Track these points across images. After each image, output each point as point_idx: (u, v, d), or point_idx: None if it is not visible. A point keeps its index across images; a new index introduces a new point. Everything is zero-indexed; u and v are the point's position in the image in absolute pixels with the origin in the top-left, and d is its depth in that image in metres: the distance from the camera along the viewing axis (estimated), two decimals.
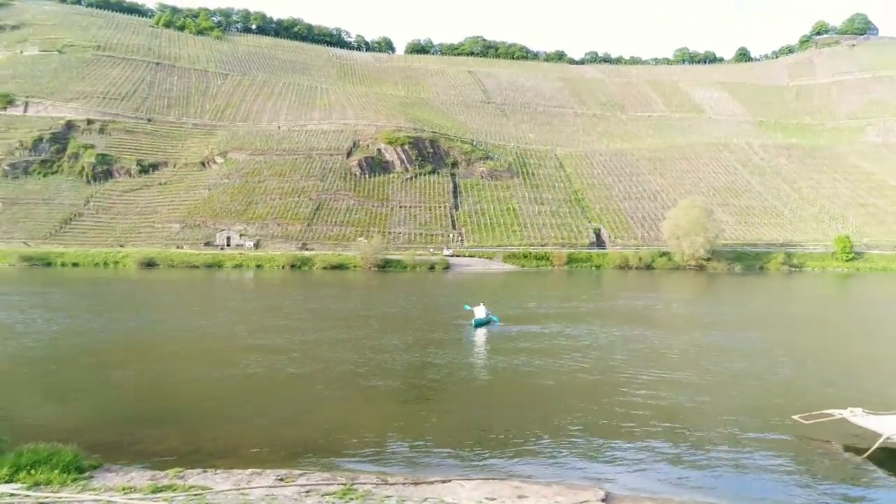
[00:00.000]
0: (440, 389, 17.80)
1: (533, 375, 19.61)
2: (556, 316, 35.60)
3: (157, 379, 18.82)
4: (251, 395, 16.86)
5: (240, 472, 9.71)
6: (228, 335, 27.89)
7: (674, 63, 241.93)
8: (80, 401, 16.09)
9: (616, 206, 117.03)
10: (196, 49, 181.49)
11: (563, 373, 19.94)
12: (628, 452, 12.47)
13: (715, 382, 19.05)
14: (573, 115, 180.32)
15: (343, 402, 16.37)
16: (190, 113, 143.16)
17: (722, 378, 19.70)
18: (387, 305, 41.89)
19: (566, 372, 20.04)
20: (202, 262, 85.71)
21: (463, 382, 18.72)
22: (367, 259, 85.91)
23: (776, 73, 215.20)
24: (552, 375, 19.59)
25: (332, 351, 23.23)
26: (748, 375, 20.04)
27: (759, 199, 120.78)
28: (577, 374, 19.83)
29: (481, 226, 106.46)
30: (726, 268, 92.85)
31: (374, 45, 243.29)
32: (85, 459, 9.69)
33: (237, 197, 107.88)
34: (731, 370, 20.88)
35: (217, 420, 14.28)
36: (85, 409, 15.27)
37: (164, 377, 19.10)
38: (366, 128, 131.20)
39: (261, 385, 17.89)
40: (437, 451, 12.28)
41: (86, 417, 14.28)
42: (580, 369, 20.46)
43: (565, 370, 20.30)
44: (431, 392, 17.54)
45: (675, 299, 51.77)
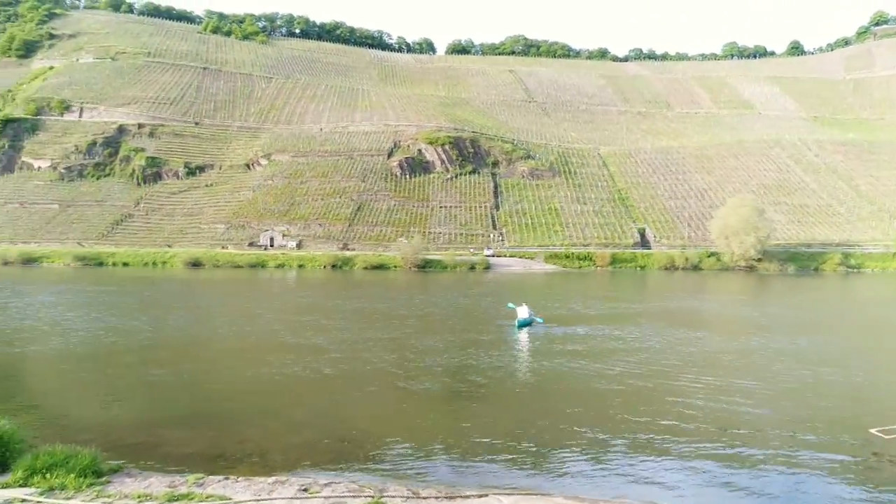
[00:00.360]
0: (480, 394, 16.99)
1: (579, 380, 18.60)
2: (602, 317, 34.33)
3: (192, 378, 18.61)
4: (284, 396, 16.42)
5: (262, 480, 9.11)
6: (267, 334, 27.75)
7: (722, 58, 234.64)
8: (113, 400, 15.95)
9: (661, 206, 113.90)
10: (241, 53, 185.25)
11: (611, 378, 18.82)
12: (681, 471, 11.38)
13: (778, 391, 17.55)
14: (617, 113, 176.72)
15: (377, 406, 15.72)
16: (235, 116, 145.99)
17: (786, 387, 18.16)
18: (427, 305, 41.27)
19: (615, 377, 18.91)
20: (246, 262, 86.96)
21: (504, 386, 17.82)
22: (407, 259, 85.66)
23: (832, 67, 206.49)
24: (600, 381, 18.51)
25: (371, 351, 22.72)
26: (815, 384, 18.53)
27: (813, 198, 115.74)
28: (626, 379, 18.65)
29: (522, 226, 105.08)
30: (778, 269, 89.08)
31: (415, 47, 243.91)
32: (104, 463, 9.27)
33: (280, 198, 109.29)
34: (795, 378, 19.31)
35: (247, 422, 13.83)
36: (117, 408, 15.10)
37: (199, 377, 18.88)
38: (406, 128, 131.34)
39: (294, 386, 17.44)
40: (475, 462, 11.50)
41: (116, 417, 14.07)
42: (630, 374, 19.28)
43: (614, 375, 19.16)
44: (470, 396, 16.72)
45: (727, 301, 49.48)
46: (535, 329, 28.77)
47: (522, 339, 26.24)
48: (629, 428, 13.74)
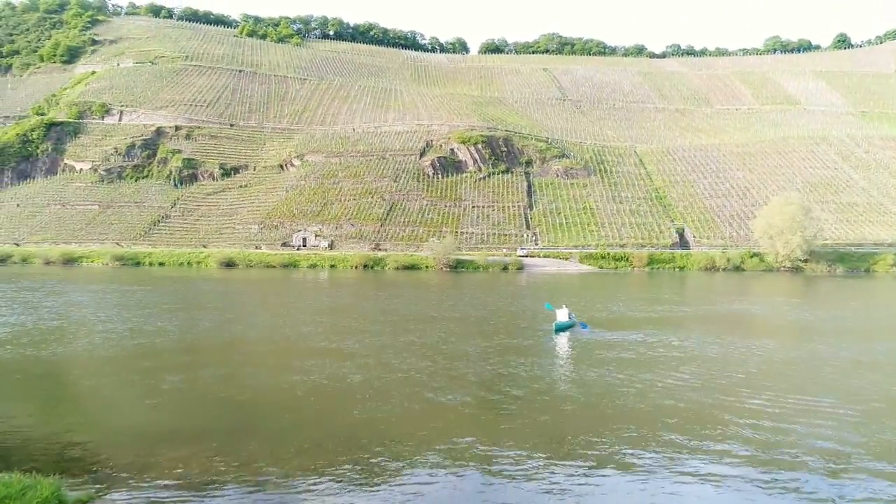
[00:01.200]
0: (516, 409, 15.43)
1: (627, 394, 16.77)
2: (647, 321, 32.40)
3: (208, 387, 17.58)
4: (303, 410, 15.21)
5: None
6: (297, 337, 26.97)
7: (764, 53, 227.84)
8: (116, 410, 15.11)
9: (701, 205, 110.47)
10: (276, 56, 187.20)
11: (664, 392, 16.98)
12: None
13: (865, 411, 15.26)
14: (654, 111, 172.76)
15: (405, 423, 14.32)
16: (269, 117, 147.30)
17: (874, 405, 15.83)
18: (460, 307, 39.93)
19: (668, 391, 17.04)
20: (278, 261, 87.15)
21: (543, 401, 16.18)
22: (439, 259, 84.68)
23: (881, 60, 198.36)
24: (651, 395, 16.67)
25: (403, 357, 21.59)
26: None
27: (862, 196, 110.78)
28: (682, 394, 16.79)
29: (556, 225, 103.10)
30: (826, 269, 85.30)
31: (447, 47, 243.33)
32: (69, 493, 8.24)
33: (313, 198, 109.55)
34: (879, 393, 16.99)
35: (254, 440, 12.63)
36: (115, 420, 14.23)
37: (216, 384, 17.85)
38: (439, 128, 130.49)
39: (317, 398, 16.22)
40: (507, 492, 10.24)
41: (110, 432, 13.20)
42: (686, 387, 17.43)
43: (667, 389, 17.28)
44: (506, 413, 15.16)
45: (780, 304, 46.65)
46: (575, 333, 27.27)
47: (563, 346, 24.75)
48: (690, 456, 12.11)
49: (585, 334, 27.29)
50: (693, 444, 12.80)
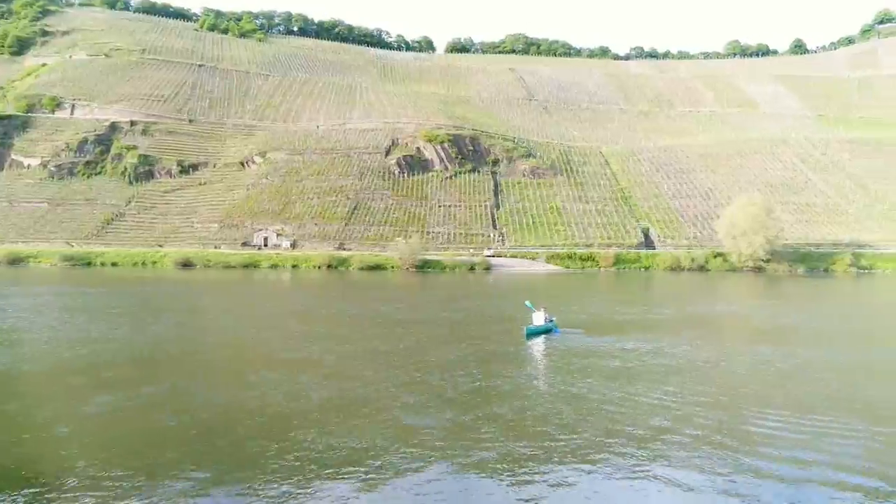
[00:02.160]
0: (496, 433, 13.24)
1: (619, 412, 14.72)
2: (629, 324, 31.16)
3: (145, 408, 15.01)
4: (254, 438, 12.79)
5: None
6: (256, 344, 25.04)
7: (725, 57, 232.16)
8: (18, 441, 12.43)
9: (665, 205, 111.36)
10: (238, 51, 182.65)
11: (659, 410, 14.95)
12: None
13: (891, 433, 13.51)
14: (619, 112, 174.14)
15: (369, 450, 12.03)
16: (231, 113, 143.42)
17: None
18: (430, 310, 38.45)
19: (665, 408, 15.07)
20: (238, 262, 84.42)
21: (524, 422, 14.11)
22: (406, 259, 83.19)
23: (836, 65, 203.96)
24: (644, 413, 14.65)
25: (371, 367, 19.84)
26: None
27: (821, 197, 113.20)
28: (680, 411, 14.86)
29: (523, 225, 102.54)
30: (788, 269, 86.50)
31: (414, 45, 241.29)
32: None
33: (275, 197, 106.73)
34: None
35: (176, 479, 10.58)
36: (15, 454, 11.82)
37: (156, 405, 15.35)
38: (405, 126, 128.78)
39: (273, 421, 13.99)
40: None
41: (6, 468, 11.14)
42: (685, 403, 15.56)
43: (663, 407, 15.27)
44: (486, 436, 12.97)
45: (759, 306, 45.99)
46: (552, 338, 25.84)
47: (542, 353, 23.31)
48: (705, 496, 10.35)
49: (557, 337, 26.09)
50: (709, 477, 11.10)
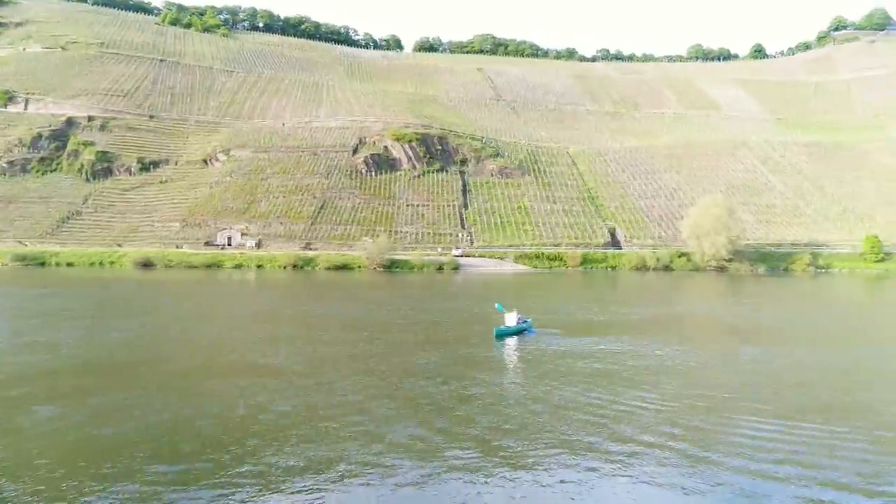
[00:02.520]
0: (476, 443, 12.60)
1: (607, 421, 14.11)
2: (606, 325, 30.85)
3: (88, 424, 13.74)
4: (209, 447, 11.93)
5: None
6: (218, 349, 23.74)
7: (687, 60, 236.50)
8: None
9: (632, 205, 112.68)
10: (202, 46, 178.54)
11: (646, 415, 14.37)
12: None
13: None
14: (585, 113, 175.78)
15: (338, 468, 11.17)
16: (193, 110, 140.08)
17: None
18: (399, 311, 37.60)
19: (654, 415, 14.46)
20: (201, 262, 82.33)
21: (507, 439, 12.97)
22: (373, 259, 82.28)
23: (794, 70, 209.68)
24: (627, 418, 14.08)
25: (341, 374, 18.87)
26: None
27: (780, 198, 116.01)
28: (669, 418, 14.30)
29: (491, 225, 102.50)
30: (749, 269, 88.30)
31: (382, 44, 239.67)
32: None
33: (239, 195, 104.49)
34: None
35: (122, 493, 9.75)
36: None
37: (101, 420, 14.01)
38: (373, 125, 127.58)
39: (230, 429, 13.12)
40: None
41: None
42: (667, 408, 15.01)
43: (652, 411, 14.64)
44: (465, 447, 12.25)
45: (732, 304, 46.09)
46: (528, 339, 25.27)
47: (518, 355, 22.66)
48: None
49: (532, 337, 25.65)
50: (692, 486, 10.82)
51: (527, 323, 27.25)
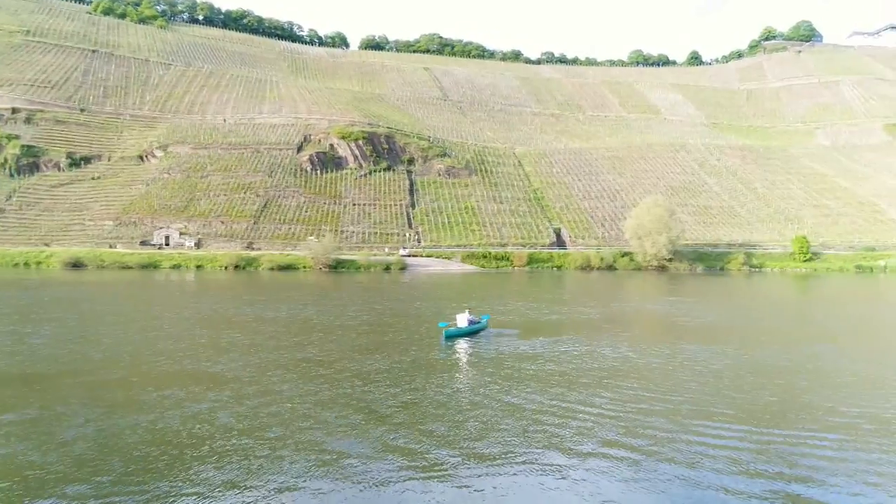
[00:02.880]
0: (435, 454, 11.84)
1: (559, 427, 13.38)
2: (559, 325, 30.50)
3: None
4: (139, 468, 10.82)
5: None
6: (151, 356, 21.98)
7: (628, 65, 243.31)
8: None
9: (576, 206, 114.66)
10: (137, 38, 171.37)
11: (602, 419, 14.03)
12: None
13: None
14: (531, 115, 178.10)
15: (287, 488, 10.30)
16: (128, 104, 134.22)
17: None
18: (347, 312, 36.48)
19: (609, 418, 14.16)
20: (136, 262, 78.74)
21: (463, 435, 12.67)
22: (318, 259, 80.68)
23: (728, 77, 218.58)
24: (587, 423, 13.61)
25: (286, 380, 17.72)
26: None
27: (716, 199, 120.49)
28: (622, 420, 14.00)
29: (439, 225, 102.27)
30: (688, 268, 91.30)
31: (327, 41, 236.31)
32: None
33: (178, 193, 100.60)
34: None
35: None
36: None
37: (12, 434, 12.66)
38: (318, 122, 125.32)
39: (165, 446, 12.02)
40: None
41: None
42: (627, 411, 14.63)
43: (606, 415, 14.33)
44: (424, 460, 11.53)
45: (677, 302, 46.35)
46: (483, 341, 24.64)
47: (475, 358, 21.89)
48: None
49: (487, 336, 25.20)
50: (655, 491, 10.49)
51: (482, 322, 26.68)
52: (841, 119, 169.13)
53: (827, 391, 17.43)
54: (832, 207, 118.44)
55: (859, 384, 18.41)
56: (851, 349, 25.07)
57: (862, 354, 24.00)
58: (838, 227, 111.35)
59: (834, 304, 50.18)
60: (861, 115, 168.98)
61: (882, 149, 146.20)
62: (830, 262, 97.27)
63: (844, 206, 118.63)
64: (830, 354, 23.64)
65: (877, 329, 33.86)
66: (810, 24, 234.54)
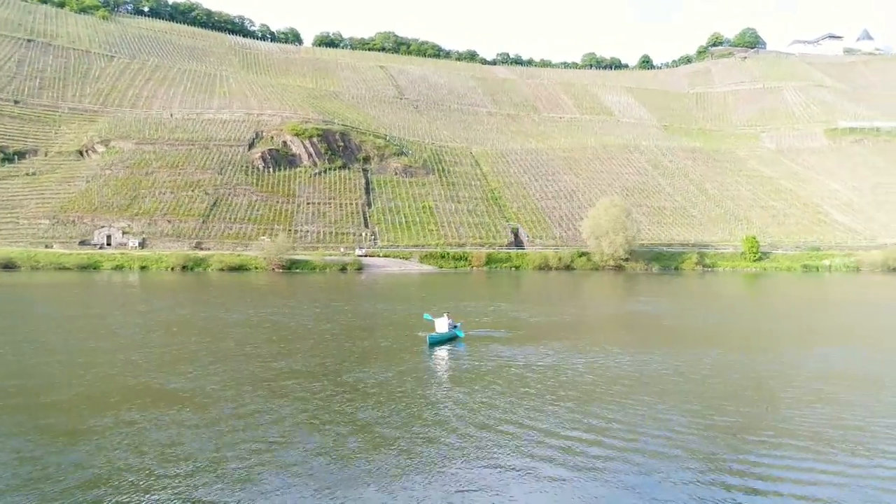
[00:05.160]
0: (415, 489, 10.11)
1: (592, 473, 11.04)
2: (535, 330, 28.38)
3: None
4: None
5: None
6: (90, 370, 18.87)
7: (582, 67, 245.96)
8: None
9: (533, 205, 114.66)
10: (77, 28, 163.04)
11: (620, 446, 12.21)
12: None
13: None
14: (487, 115, 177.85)
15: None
16: (67, 96, 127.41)
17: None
18: (307, 316, 33.72)
19: (620, 440, 12.47)
20: (75, 263, 74.37)
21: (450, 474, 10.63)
22: (271, 260, 77.93)
23: (677, 81, 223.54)
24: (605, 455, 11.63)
25: (254, 398, 15.30)
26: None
27: (669, 200, 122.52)
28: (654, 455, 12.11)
29: (396, 224, 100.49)
30: (644, 268, 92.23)
31: (280, 36, 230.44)
32: None
33: (121, 190, 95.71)
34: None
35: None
36: None
37: None
38: (270, 118, 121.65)
39: (116, 487, 9.82)
40: None
41: None
42: (675, 442, 12.39)
43: (615, 431, 12.83)
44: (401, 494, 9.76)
45: (648, 302, 45.82)
46: (461, 349, 22.66)
47: (445, 369, 19.90)
48: None
49: (462, 350, 22.82)
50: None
51: (457, 328, 24.55)
52: (784, 123, 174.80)
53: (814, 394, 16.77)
54: (778, 208, 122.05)
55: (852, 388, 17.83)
56: (863, 351, 24.79)
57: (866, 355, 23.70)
58: (784, 227, 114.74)
59: (800, 304, 50.88)
60: (803, 119, 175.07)
61: (823, 152, 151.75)
62: (779, 262, 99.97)
63: (790, 207, 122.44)
64: (840, 356, 23.26)
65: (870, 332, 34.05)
66: (755, 32, 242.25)
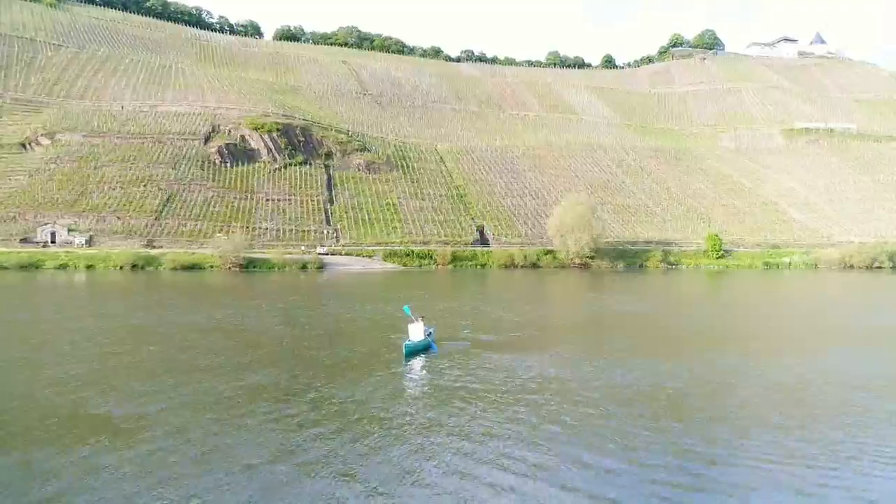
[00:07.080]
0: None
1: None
2: (511, 335, 26.11)
3: None
4: None
5: None
6: (24, 390, 16.26)
7: (546, 65, 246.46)
8: None
9: (498, 203, 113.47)
10: (22, 15, 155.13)
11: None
12: None
13: None
14: (452, 111, 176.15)
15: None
16: (10, 86, 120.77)
17: None
18: (270, 319, 31.31)
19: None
20: (15, 262, 69.88)
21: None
22: (228, 258, 74.69)
23: (639, 81, 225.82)
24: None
25: (218, 424, 12.92)
26: None
27: (633, 198, 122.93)
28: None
29: (359, 222, 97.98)
30: (610, 265, 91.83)
31: (239, 29, 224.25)
32: None
33: (66, 185, 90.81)
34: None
35: None
36: None
37: None
38: (228, 112, 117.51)
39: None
40: None
41: None
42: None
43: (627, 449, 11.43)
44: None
45: (629, 300, 44.89)
46: (436, 358, 20.34)
47: (422, 384, 17.43)
48: None
49: (437, 354, 20.90)
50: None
51: (430, 335, 22.31)
52: (742, 123, 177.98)
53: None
54: (738, 207, 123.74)
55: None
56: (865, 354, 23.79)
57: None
58: (744, 225, 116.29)
59: (773, 301, 50.62)
60: (760, 120, 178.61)
61: (780, 152, 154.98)
62: (741, 260, 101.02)
63: (749, 205, 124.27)
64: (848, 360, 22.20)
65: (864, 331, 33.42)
66: (714, 33, 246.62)
